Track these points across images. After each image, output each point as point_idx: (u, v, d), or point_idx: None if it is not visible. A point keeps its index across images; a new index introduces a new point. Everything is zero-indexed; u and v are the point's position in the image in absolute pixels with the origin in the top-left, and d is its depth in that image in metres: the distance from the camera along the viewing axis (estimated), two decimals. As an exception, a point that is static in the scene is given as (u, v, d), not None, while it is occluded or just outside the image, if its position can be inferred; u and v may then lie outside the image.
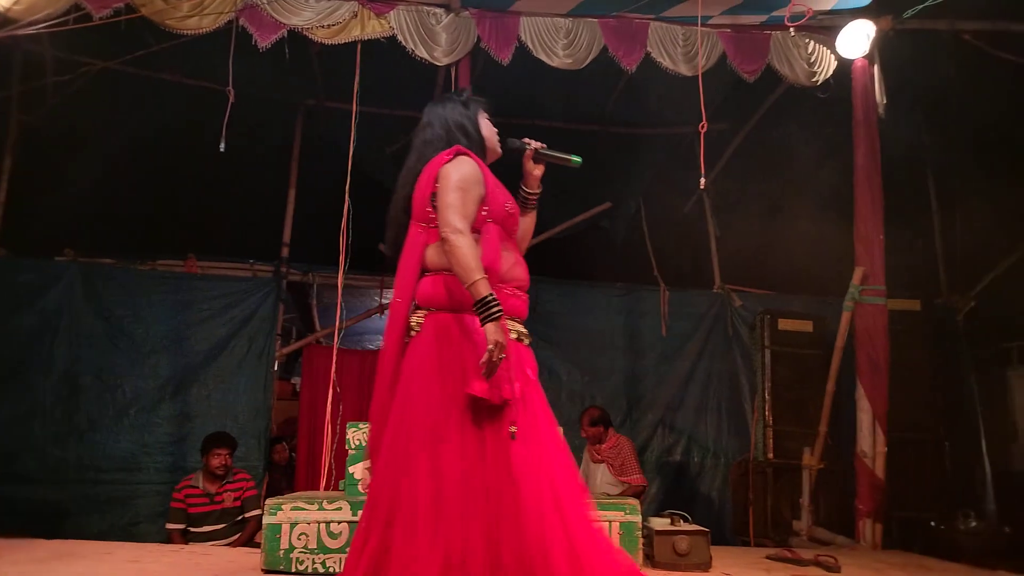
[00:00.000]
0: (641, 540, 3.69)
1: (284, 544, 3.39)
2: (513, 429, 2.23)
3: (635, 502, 3.75)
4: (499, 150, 2.72)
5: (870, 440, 5.20)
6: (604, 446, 5.70)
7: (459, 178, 2.38)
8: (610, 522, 3.60)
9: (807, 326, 6.44)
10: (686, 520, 4.07)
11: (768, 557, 4.37)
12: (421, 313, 2.41)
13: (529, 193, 2.75)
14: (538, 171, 2.76)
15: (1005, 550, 5.24)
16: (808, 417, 5.88)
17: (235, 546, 4.99)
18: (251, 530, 5.13)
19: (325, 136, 6.82)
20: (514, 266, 2.52)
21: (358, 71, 5.28)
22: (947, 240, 7.59)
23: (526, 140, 2.74)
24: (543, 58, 5.30)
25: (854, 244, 5.46)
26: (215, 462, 5.11)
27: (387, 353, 2.43)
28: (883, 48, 5.49)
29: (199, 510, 5.08)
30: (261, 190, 7.26)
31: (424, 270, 2.45)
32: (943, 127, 6.78)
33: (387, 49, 5.25)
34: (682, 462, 7.14)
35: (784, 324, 6.41)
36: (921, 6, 5.17)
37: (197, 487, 5.14)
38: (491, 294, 2.23)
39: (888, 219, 5.44)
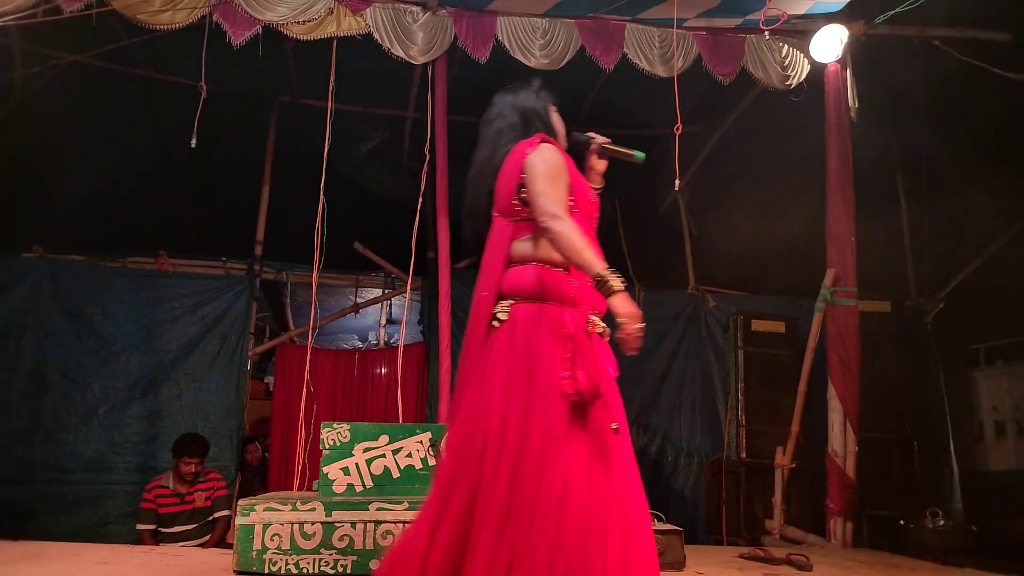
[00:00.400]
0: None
1: (257, 545, 3.36)
2: (615, 426, 2.22)
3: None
4: (565, 143, 2.62)
5: (841, 440, 5.27)
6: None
7: (547, 166, 2.28)
8: (585, 521, 3.60)
9: (779, 327, 6.51)
10: (660, 519, 4.09)
11: (741, 556, 4.41)
12: (507, 303, 2.31)
13: (592, 188, 2.61)
14: (601, 166, 2.69)
15: (972, 548, 5.34)
16: (781, 417, 5.95)
17: (206, 547, 4.94)
18: (221, 531, 5.08)
19: (300, 133, 6.76)
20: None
21: (334, 68, 5.25)
22: (916, 242, 7.71)
23: (591, 134, 2.68)
24: (520, 58, 5.30)
25: (826, 246, 5.53)
26: (185, 470, 5.06)
27: (472, 345, 2.33)
28: (855, 53, 5.57)
29: (169, 510, 5.02)
30: (234, 187, 7.18)
31: (510, 263, 2.35)
32: (913, 131, 6.87)
33: (363, 47, 5.22)
34: (656, 461, 7.17)
35: (757, 325, 6.47)
36: (892, 12, 5.24)
37: (167, 487, 5.07)
38: (608, 267, 2.16)
39: (859, 221, 5.52)
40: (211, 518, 5.11)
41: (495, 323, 2.30)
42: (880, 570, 4.17)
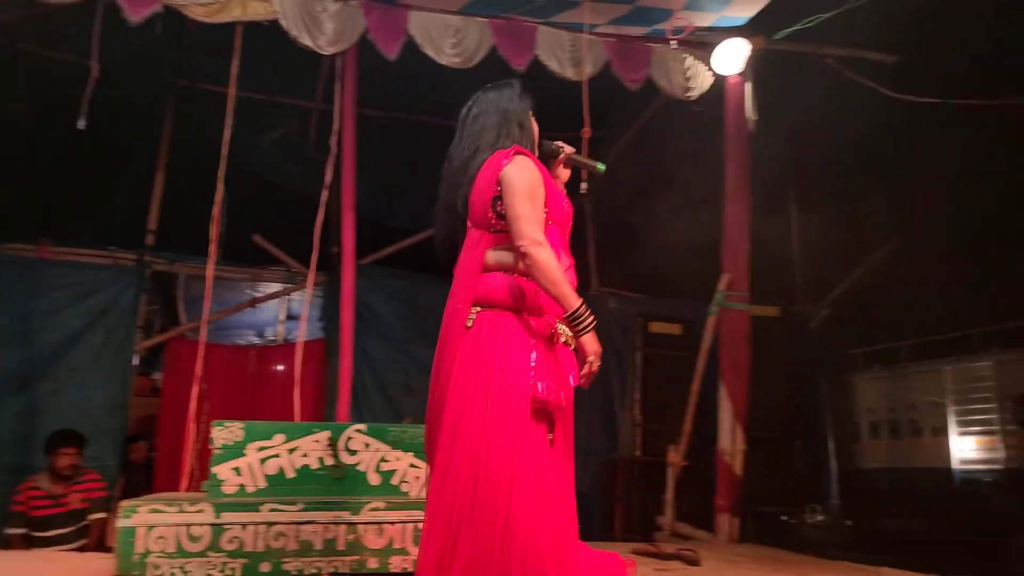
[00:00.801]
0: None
1: (139, 548, 3.20)
2: (551, 437, 2.27)
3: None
4: (538, 150, 2.58)
5: (730, 438, 5.48)
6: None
7: (527, 184, 2.28)
8: (484, 521, 3.61)
9: (677, 329, 6.71)
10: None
11: (633, 552, 4.51)
12: (475, 310, 2.32)
13: (565, 194, 2.60)
14: (565, 176, 2.69)
15: (847, 542, 5.65)
16: (676, 416, 6.12)
17: (84, 551, 4.68)
18: (96, 534, 4.83)
19: (199, 120, 6.50)
20: (567, 270, 2.42)
21: (237, 54, 5.06)
22: (804, 251, 8.09)
23: (559, 144, 2.64)
24: (431, 54, 5.26)
25: (721, 251, 5.73)
26: (62, 462, 4.76)
27: (445, 355, 2.36)
28: (756, 67, 5.79)
29: (43, 513, 4.73)
30: (125, 173, 6.85)
31: (483, 271, 2.36)
32: (805, 144, 7.21)
33: (269, 33, 5.05)
34: (554, 460, 7.26)
35: (655, 327, 6.65)
36: (791, 29, 5.49)
37: (40, 489, 4.78)
38: (582, 304, 2.24)
39: (753, 229, 5.75)
40: (86, 521, 4.85)
41: (467, 327, 2.32)
42: (764, 564, 4.35)
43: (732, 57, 5.55)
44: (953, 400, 7.69)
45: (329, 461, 3.64)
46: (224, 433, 3.57)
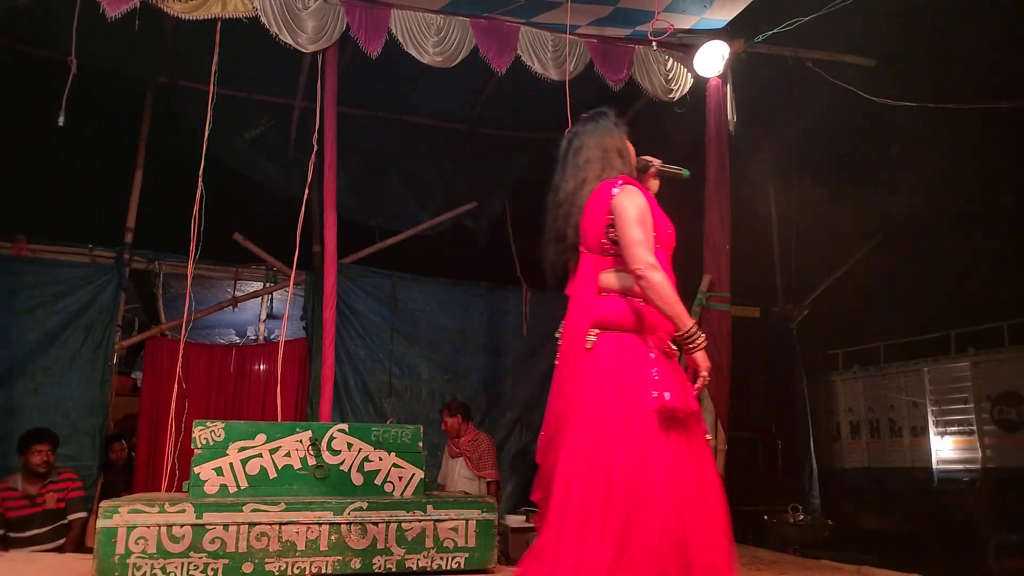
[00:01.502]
0: (497, 538, 3.73)
1: (120, 549, 3.17)
2: (710, 436, 2.44)
3: (492, 500, 3.79)
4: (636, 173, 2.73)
5: (712, 438, 5.50)
6: (463, 440, 5.72)
7: (637, 212, 2.44)
8: (467, 520, 3.61)
9: (659, 330, 6.72)
10: (541, 517, 4.14)
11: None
12: (594, 332, 2.46)
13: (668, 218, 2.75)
14: (655, 187, 2.79)
15: (827, 541, 5.70)
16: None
17: (63, 551, 4.62)
18: (76, 534, 4.77)
19: (178, 117, 6.45)
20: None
21: (217, 51, 5.02)
22: (784, 252, 8.16)
23: (648, 158, 2.78)
24: (413, 53, 5.24)
25: (703, 252, 5.76)
26: (35, 460, 4.69)
27: (567, 376, 2.49)
28: (736, 69, 5.83)
29: (19, 513, 4.66)
30: (104, 170, 6.77)
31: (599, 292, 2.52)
32: (785, 146, 7.28)
33: (249, 30, 5.02)
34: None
35: (638, 327, 6.66)
36: (771, 32, 5.54)
37: (16, 489, 4.71)
38: (694, 324, 2.42)
39: (733, 230, 5.78)
40: (65, 521, 4.79)
41: (588, 348, 2.46)
42: (745, 563, 4.38)
43: (712, 59, 5.59)
44: (932, 400, 7.79)
45: (311, 461, 3.62)
46: (205, 433, 3.55)
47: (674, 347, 2.51)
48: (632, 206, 2.44)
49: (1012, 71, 6.19)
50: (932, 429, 7.73)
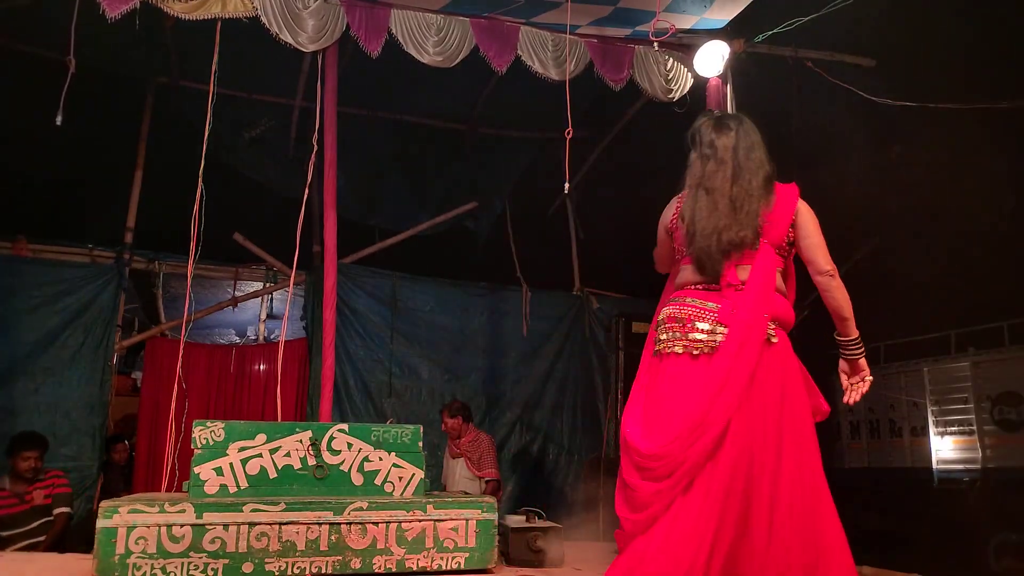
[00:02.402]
0: (497, 538, 3.72)
1: (120, 549, 3.17)
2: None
3: (492, 500, 3.78)
4: None
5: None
6: (463, 440, 5.72)
7: (817, 222, 2.66)
8: (467, 520, 3.60)
9: (658, 330, 6.73)
10: (541, 517, 4.15)
11: (617, 552, 4.52)
12: (772, 327, 2.57)
13: None
14: None
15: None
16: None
17: (44, 546, 4.66)
18: (59, 527, 4.81)
19: (179, 117, 6.44)
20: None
21: (217, 51, 5.02)
22: (785, 252, 8.13)
23: None
24: (413, 53, 5.24)
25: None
26: (22, 466, 4.77)
27: (747, 361, 2.49)
28: (736, 69, 5.83)
29: (9, 512, 4.72)
30: (104, 170, 6.77)
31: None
32: (784, 147, 7.26)
33: (250, 30, 5.01)
34: (538, 459, 7.28)
35: (638, 327, 6.66)
36: (771, 32, 5.53)
37: (4, 489, 4.76)
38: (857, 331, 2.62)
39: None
40: (51, 516, 4.83)
41: (770, 341, 2.56)
42: (745, 563, 4.36)
43: (712, 59, 5.58)
44: (932, 400, 7.79)
45: (311, 461, 3.62)
46: (205, 433, 3.54)
47: None
48: (814, 217, 2.69)
49: (1013, 70, 6.19)
50: (932, 429, 7.72)
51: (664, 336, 2.66)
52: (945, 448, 7.59)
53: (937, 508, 7.16)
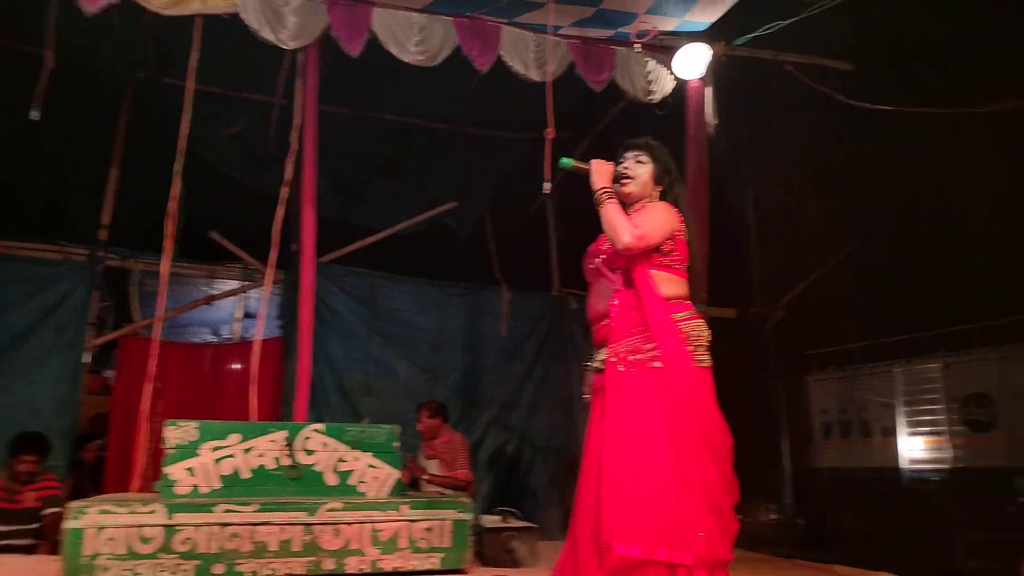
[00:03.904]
0: (472, 538, 3.72)
1: (88, 550, 3.13)
2: None
3: (467, 501, 3.78)
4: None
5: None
6: (438, 441, 5.70)
7: None
8: (442, 520, 3.60)
9: (636, 330, 6.75)
10: (517, 517, 4.15)
11: (592, 552, 4.53)
12: None
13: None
14: None
15: (799, 541, 5.76)
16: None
17: (39, 547, 4.61)
18: (50, 528, 4.75)
19: (157, 113, 6.37)
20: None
21: (196, 47, 4.97)
22: (761, 254, 8.22)
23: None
24: (394, 52, 5.22)
25: (682, 253, 5.77)
26: (20, 468, 4.71)
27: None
28: (716, 72, 5.86)
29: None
30: (78, 166, 6.68)
31: None
32: (764, 149, 7.33)
33: (230, 26, 4.97)
34: (514, 460, 7.28)
35: (615, 328, 6.68)
36: (751, 35, 5.58)
37: (1, 480, 4.71)
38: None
39: (711, 232, 5.82)
40: (37, 524, 4.76)
41: None
42: (719, 563, 4.39)
43: (693, 61, 5.61)
44: (903, 401, 7.88)
45: (286, 461, 3.60)
46: (178, 432, 3.52)
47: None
48: None
49: (988, 76, 6.28)
50: (903, 430, 7.82)
51: (704, 350, 2.68)
52: (915, 448, 7.69)
53: (907, 508, 7.25)
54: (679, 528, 2.35)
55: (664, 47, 5.81)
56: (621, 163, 2.80)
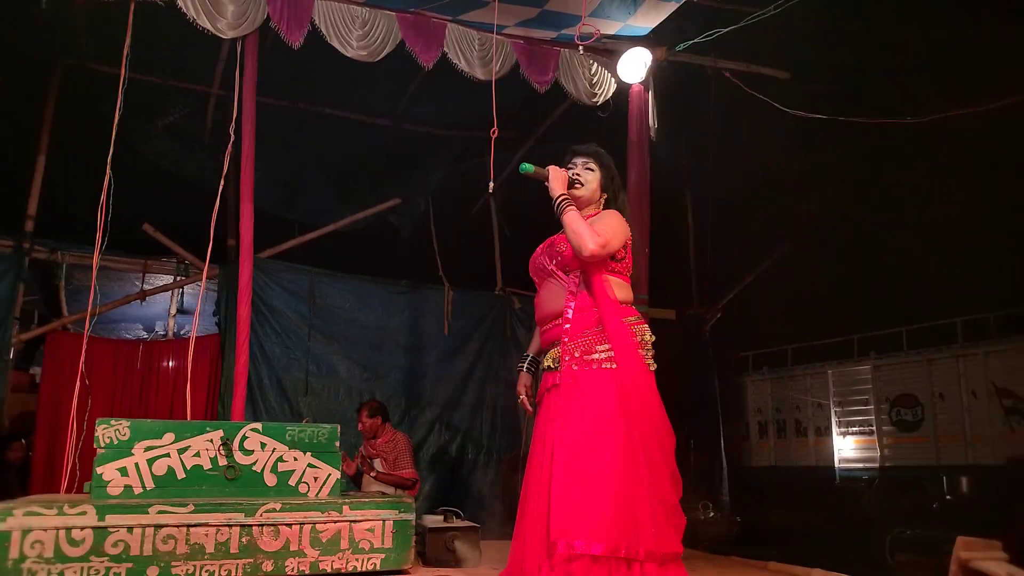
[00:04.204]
0: (414, 538, 3.69)
1: (13, 554, 3.00)
2: None
3: (409, 501, 3.75)
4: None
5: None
6: (379, 440, 5.64)
7: None
8: (384, 520, 3.56)
9: (578, 330, 6.81)
10: (459, 516, 4.14)
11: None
12: None
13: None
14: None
15: (736, 537, 5.88)
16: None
17: None
18: None
19: (87, 101, 6.14)
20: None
21: (129, 33, 4.80)
22: (699, 256, 8.38)
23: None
24: (337, 46, 5.14)
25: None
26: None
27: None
28: (657, 76, 5.94)
29: None
30: (2, 153, 6.40)
31: None
32: (702, 154, 7.47)
33: (165, 13, 4.82)
34: (456, 459, 7.26)
35: (557, 327, 6.72)
36: (691, 41, 5.67)
37: None
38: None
39: (652, 234, 5.89)
40: None
41: None
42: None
43: (635, 66, 5.67)
44: (835, 402, 8.13)
45: (222, 461, 3.51)
46: (109, 431, 3.39)
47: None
48: None
49: (917, 87, 6.52)
50: (835, 429, 8.07)
51: (651, 354, 2.75)
52: (847, 448, 7.94)
53: (839, 505, 7.49)
54: (634, 524, 2.40)
55: (607, 50, 5.86)
56: (571, 169, 2.90)
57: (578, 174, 2.89)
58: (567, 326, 2.69)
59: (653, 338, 2.75)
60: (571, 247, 2.70)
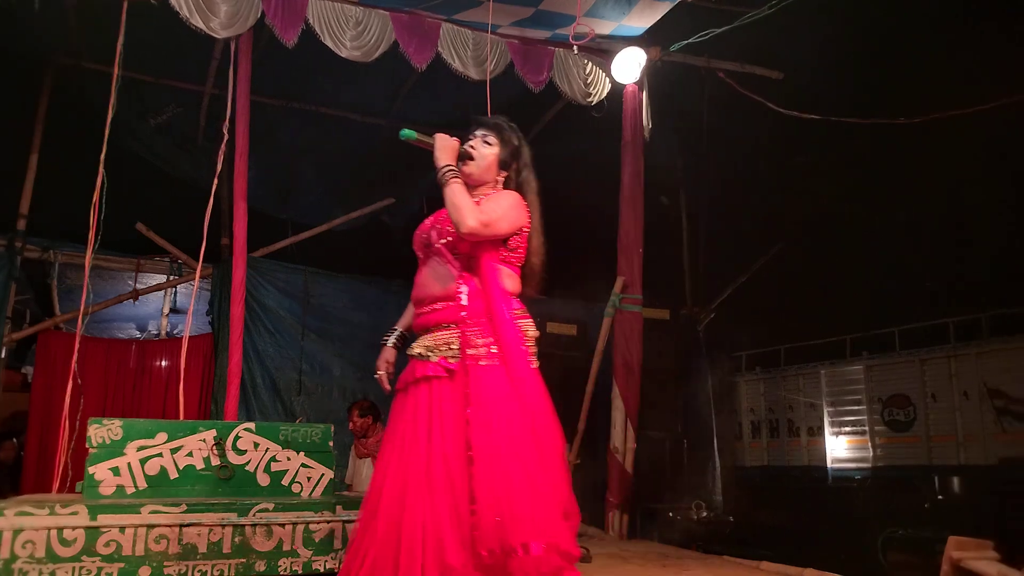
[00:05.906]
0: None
1: (4, 554, 2.98)
2: None
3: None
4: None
5: (622, 437, 5.61)
6: (370, 440, 5.64)
7: None
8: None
9: (571, 330, 6.83)
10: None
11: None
12: None
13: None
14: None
15: (729, 537, 5.89)
16: (570, 416, 6.21)
17: None
18: None
19: (81, 100, 6.12)
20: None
21: (123, 32, 4.79)
22: (693, 256, 8.39)
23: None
24: (330, 45, 5.13)
25: (617, 255, 5.86)
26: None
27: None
28: (652, 76, 5.95)
29: None
30: (-5, 153, 6.38)
31: None
32: (696, 154, 7.48)
33: (159, 12, 4.81)
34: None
35: (551, 327, 6.74)
36: (685, 42, 5.69)
37: None
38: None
39: (646, 234, 5.90)
40: None
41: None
42: (651, 559, 4.48)
43: (629, 66, 5.69)
44: (827, 402, 8.15)
45: (215, 461, 3.50)
46: (101, 431, 3.38)
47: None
48: None
49: (911, 88, 6.54)
50: (828, 429, 8.08)
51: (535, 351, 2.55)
52: (839, 448, 7.96)
53: (831, 505, 7.51)
54: (563, 520, 2.30)
55: (602, 50, 5.87)
56: (468, 141, 2.63)
57: (472, 146, 2.60)
58: (463, 314, 2.44)
59: (537, 333, 2.55)
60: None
